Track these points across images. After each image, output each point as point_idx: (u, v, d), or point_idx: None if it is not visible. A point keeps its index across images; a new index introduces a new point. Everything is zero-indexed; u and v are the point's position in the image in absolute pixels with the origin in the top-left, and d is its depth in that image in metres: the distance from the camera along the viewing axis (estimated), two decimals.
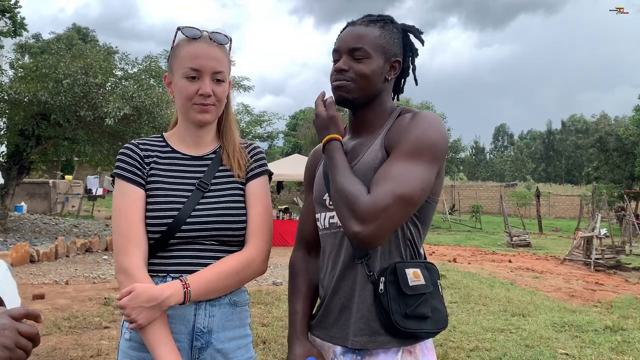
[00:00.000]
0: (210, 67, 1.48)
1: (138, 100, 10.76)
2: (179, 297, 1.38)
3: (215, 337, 1.48)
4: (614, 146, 29.11)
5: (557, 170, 68.48)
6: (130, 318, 1.33)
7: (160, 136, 1.62)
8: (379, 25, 1.48)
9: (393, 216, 1.26)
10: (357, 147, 1.50)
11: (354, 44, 1.46)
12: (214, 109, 1.51)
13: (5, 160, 12.48)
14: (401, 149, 1.34)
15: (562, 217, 35.08)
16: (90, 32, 41.16)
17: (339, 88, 1.48)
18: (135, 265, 1.41)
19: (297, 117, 43.21)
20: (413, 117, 1.42)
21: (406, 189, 1.26)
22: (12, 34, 14.40)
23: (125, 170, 1.49)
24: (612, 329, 5.81)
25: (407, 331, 1.33)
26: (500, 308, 6.79)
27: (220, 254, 1.50)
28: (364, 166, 1.42)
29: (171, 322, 1.42)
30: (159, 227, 1.46)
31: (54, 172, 24.07)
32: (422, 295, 1.37)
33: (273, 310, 6.17)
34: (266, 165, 1.64)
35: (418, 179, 1.29)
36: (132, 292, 1.33)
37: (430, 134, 1.36)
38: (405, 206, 1.27)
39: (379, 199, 1.25)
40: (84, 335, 4.88)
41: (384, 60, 1.47)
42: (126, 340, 1.48)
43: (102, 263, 9.73)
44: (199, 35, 1.51)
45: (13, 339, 0.93)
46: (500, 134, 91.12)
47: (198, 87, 1.47)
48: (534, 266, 11.64)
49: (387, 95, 1.54)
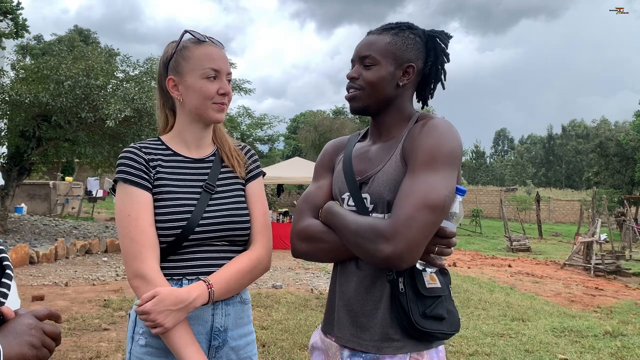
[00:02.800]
0: (226, 68, 1.55)
1: (139, 103, 10.77)
2: (205, 298, 1.41)
3: (230, 335, 1.52)
4: (614, 151, 29.12)
5: (557, 175, 68.45)
6: (156, 322, 1.33)
7: (157, 139, 1.61)
8: (392, 32, 1.49)
9: (422, 226, 1.25)
10: (377, 154, 1.51)
11: (364, 52, 1.49)
12: (225, 109, 1.58)
13: (5, 161, 12.47)
14: (417, 162, 1.35)
15: (562, 222, 35.06)
16: (91, 34, 41.24)
17: (350, 99, 1.52)
18: (152, 269, 1.41)
19: (298, 120, 43.29)
20: (424, 125, 1.43)
21: (429, 197, 1.27)
22: (14, 35, 14.42)
23: (132, 175, 1.48)
24: (612, 335, 5.80)
25: (424, 331, 1.35)
26: (500, 313, 6.78)
27: (231, 254, 1.54)
28: (385, 176, 1.44)
29: (190, 323, 1.44)
30: (172, 231, 1.46)
31: (54, 174, 24.06)
32: (438, 297, 1.40)
33: (272, 313, 6.16)
34: (260, 165, 1.71)
35: (440, 185, 1.29)
36: (156, 296, 1.33)
37: (445, 142, 1.37)
38: (432, 213, 1.27)
39: (400, 214, 1.27)
40: (84, 337, 4.87)
41: (394, 66, 1.47)
42: (141, 347, 1.46)
43: (102, 265, 9.72)
44: (205, 39, 1.56)
45: (39, 338, 0.96)
46: (501, 138, 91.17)
47: (218, 86, 1.51)
48: (533, 271, 11.64)
49: (405, 101, 1.53)
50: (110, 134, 11.98)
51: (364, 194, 1.47)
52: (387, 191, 1.41)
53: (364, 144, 1.60)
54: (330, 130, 32.12)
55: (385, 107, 1.51)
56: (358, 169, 1.52)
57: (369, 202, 1.46)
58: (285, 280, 8.64)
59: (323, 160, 1.67)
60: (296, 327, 5.50)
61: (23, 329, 0.95)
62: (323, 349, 1.54)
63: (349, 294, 1.45)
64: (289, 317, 5.97)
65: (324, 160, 1.67)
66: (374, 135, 1.58)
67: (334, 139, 1.74)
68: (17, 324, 0.96)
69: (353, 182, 1.49)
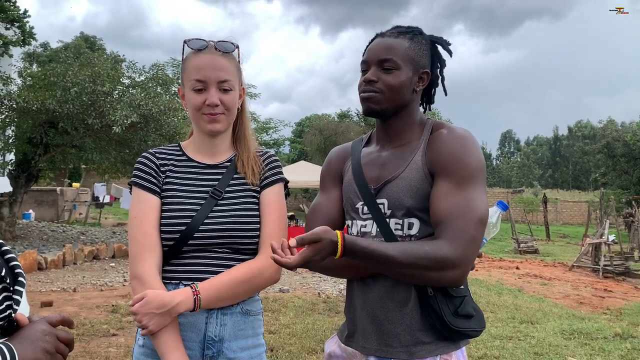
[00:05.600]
0: (215, 77, 1.49)
1: (145, 108, 10.81)
2: (189, 304, 1.39)
3: (226, 346, 1.48)
4: (621, 152, 28.91)
5: (564, 176, 68.13)
6: (142, 324, 1.35)
7: (177, 145, 1.64)
8: (408, 37, 1.48)
9: (479, 243, 1.32)
10: (391, 160, 1.49)
11: (384, 55, 1.46)
12: (224, 118, 1.52)
13: (13, 168, 12.55)
14: (458, 176, 1.36)
15: (570, 224, 34.85)
16: (97, 40, 41.48)
17: (367, 99, 1.48)
18: (148, 272, 1.43)
19: (303, 124, 43.28)
20: (454, 137, 1.42)
21: (481, 213, 1.32)
22: (21, 43, 14.53)
23: (142, 179, 1.52)
24: (621, 337, 5.75)
25: (457, 330, 1.36)
26: (508, 315, 6.75)
27: (233, 262, 1.50)
28: (405, 182, 1.42)
29: (183, 329, 1.43)
30: (172, 234, 1.47)
31: (61, 180, 24.19)
32: (464, 296, 1.41)
33: (280, 317, 6.16)
34: (281, 173, 1.63)
35: (484, 199, 1.35)
36: (144, 298, 1.35)
37: (478, 155, 1.41)
38: (483, 228, 1.33)
39: (463, 236, 1.29)
40: (92, 343, 4.88)
41: (412, 71, 1.47)
42: (139, 347, 1.50)
43: (110, 270, 9.75)
44: (204, 46, 1.53)
45: (53, 344, 0.98)
46: (507, 140, 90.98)
47: (205, 97, 1.49)
48: (542, 273, 11.57)
49: (416, 106, 1.54)
50: (116, 139, 12.03)
51: (380, 200, 1.45)
52: (407, 197, 1.40)
53: (372, 149, 1.57)
54: (335, 134, 32.08)
55: (399, 112, 1.50)
56: (370, 175, 1.49)
57: (385, 208, 1.44)
58: (292, 284, 8.63)
59: (329, 169, 1.64)
60: (304, 331, 5.49)
61: (37, 335, 0.97)
62: (345, 356, 1.51)
63: (371, 302, 1.43)
64: (296, 321, 5.96)
65: (330, 169, 1.64)
66: (382, 140, 1.55)
67: (337, 147, 1.72)
68: (31, 331, 0.97)
69: (366, 190, 1.47)
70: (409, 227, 1.42)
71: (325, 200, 1.59)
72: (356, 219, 1.51)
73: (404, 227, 1.42)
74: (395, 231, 1.42)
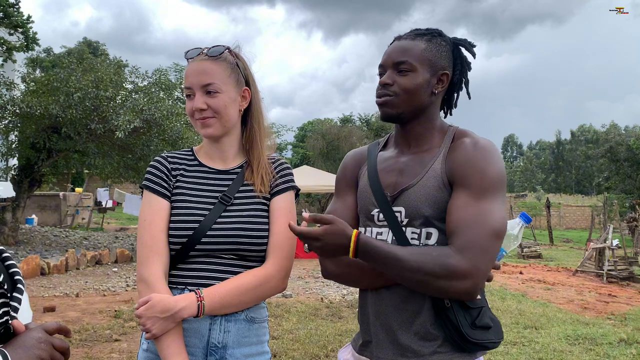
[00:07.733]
0: (198, 81, 1.49)
1: (148, 113, 10.83)
2: (193, 309, 1.38)
3: (230, 353, 1.46)
4: (624, 156, 28.83)
5: (567, 181, 67.95)
6: (146, 327, 1.35)
7: (190, 150, 1.65)
8: (425, 39, 1.45)
9: (493, 256, 1.28)
10: (409, 166, 1.45)
11: (399, 58, 1.43)
12: (215, 122, 1.52)
13: (16, 173, 12.57)
14: (476, 188, 1.33)
15: (573, 228, 34.75)
16: (100, 45, 41.62)
17: (384, 104, 1.45)
18: (154, 275, 1.43)
19: (306, 128, 43.28)
20: (475, 146, 1.40)
21: (497, 226, 1.28)
22: (24, 48, 14.61)
23: (152, 182, 1.53)
24: (626, 342, 5.72)
25: (475, 342, 1.33)
26: (512, 320, 6.72)
27: (240, 268, 1.49)
28: (424, 190, 1.39)
29: (186, 335, 1.43)
30: (180, 239, 1.47)
31: (64, 185, 24.22)
32: (482, 308, 1.38)
33: (283, 322, 6.14)
34: (293, 181, 1.62)
35: (501, 211, 1.31)
36: (149, 301, 1.35)
37: (499, 166, 1.38)
38: (498, 241, 1.29)
39: (474, 247, 1.24)
40: (95, 348, 4.87)
41: (430, 73, 1.44)
42: (144, 351, 1.50)
43: (112, 275, 9.74)
44: (195, 54, 1.55)
45: (49, 352, 0.98)
46: (509, 145, 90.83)
47: (193, 103, 1.52)
48: (545, 278, 11.52)
49: (435, 110, 1.50)
50: (119, 144, 12.04)
51: (396, 208, 1.41)
52: (425, 206, 1.37)
53: (389, 154, 1.53)
54: (337, 139, 32.06)
55: (418, 116, 1.46)
56: (387, 182, 1.46)
57: (403, 216, 1.40)
58: (295, 289, 8.61)
59: (344, 174, 1.60)
60: (307, 336, 5.47)
61: (33, 342, 0.97)
62: None
63: (385, 312, 1.41)
64: (299, 326, 5.94)
65: (346, 174, 1.60)
66: (401, 145, 1.52)
67: (353, 150, 1.67)
68: (27, 338, 0.97)
69: (382, 197, 1.43)
70: (427, 236, 1.38)
71: (340, 206, 1.56)
72: (371, 226, 1.47)
73: (421, 236, 1.38)
74: (411, 240, 1.39)
